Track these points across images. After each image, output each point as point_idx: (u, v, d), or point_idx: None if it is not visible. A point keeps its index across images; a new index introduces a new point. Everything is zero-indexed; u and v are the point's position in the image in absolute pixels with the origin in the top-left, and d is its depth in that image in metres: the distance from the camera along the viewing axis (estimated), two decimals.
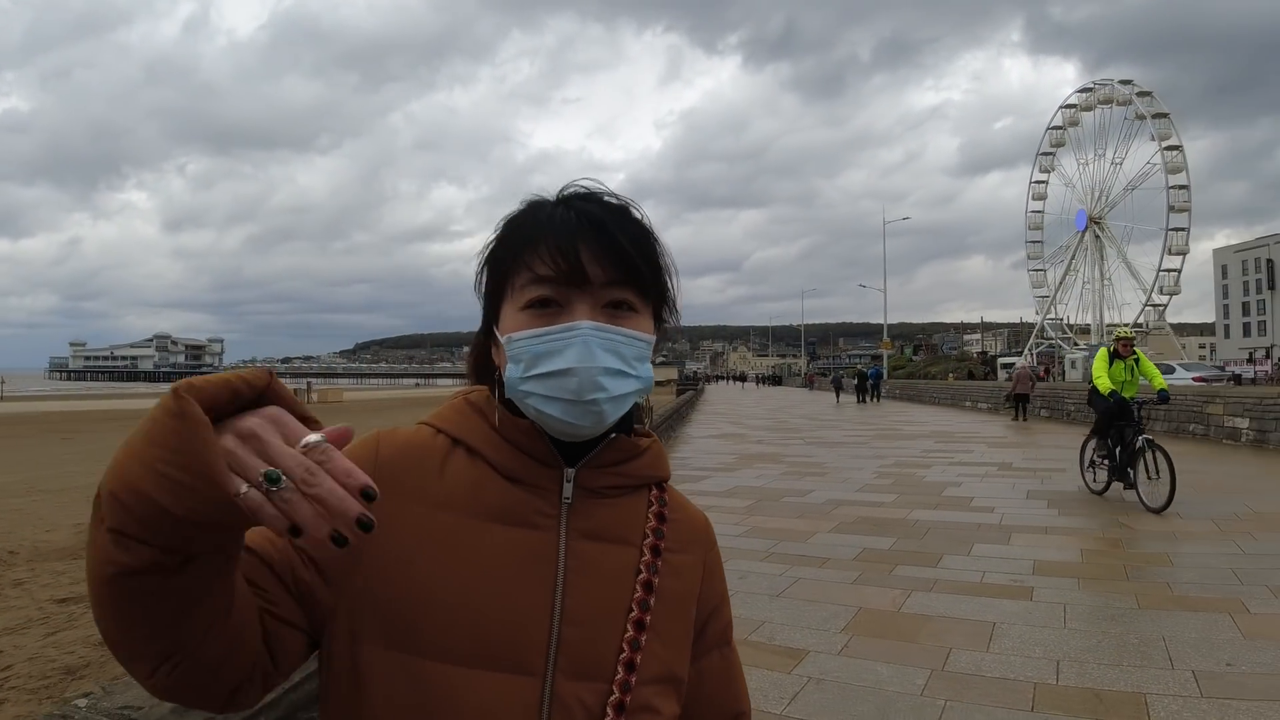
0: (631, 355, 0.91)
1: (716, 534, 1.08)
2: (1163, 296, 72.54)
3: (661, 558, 0.96)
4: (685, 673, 0.96)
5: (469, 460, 0.93)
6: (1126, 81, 74.90)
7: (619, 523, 0.96)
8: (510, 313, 0.93)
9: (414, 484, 0.91)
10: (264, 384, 0.65)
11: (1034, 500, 9.20)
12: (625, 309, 0.92)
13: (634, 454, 0.98)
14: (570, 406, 0.88)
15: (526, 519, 0.91)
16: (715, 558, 1.07)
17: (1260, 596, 5.16)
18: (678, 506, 1.03)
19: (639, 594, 0.92)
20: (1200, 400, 16.61)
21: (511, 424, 0.94)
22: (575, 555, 0.91)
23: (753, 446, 16.40)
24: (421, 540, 0.88)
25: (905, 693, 3.80)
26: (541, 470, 0.93)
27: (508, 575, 0.87)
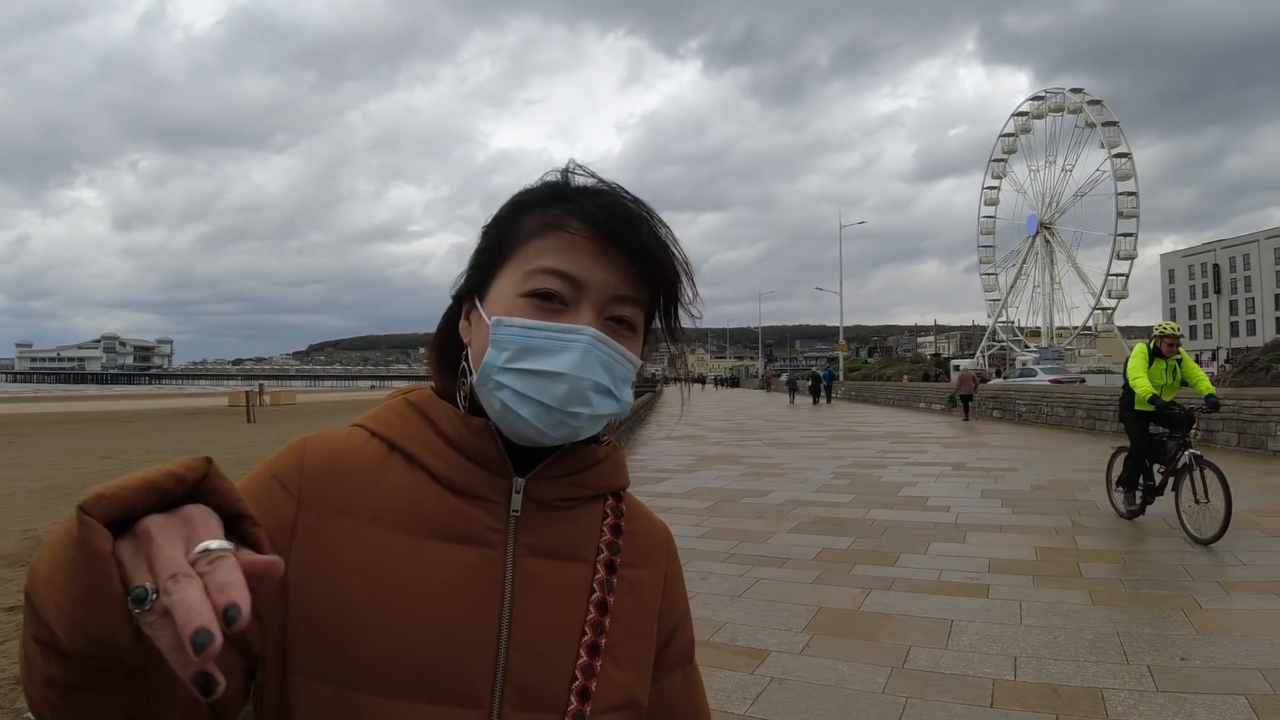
0: (621, 376, 0.84)
1: (677, 536, 1.00)
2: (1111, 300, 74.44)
3: (617, 574, 0.88)
4: (645, 697, 0.88)
5: (406, 468, 0.84)
6: (1077, 90, 76.73)
7: (571, 537, 0.87)
8: (506, 294, 0.84)
9: (344, 497, 0.81)
10: (198, 477, 0.56)
11: (988, 499, 9.32)
12: (625, 326, 0.85)
13: (590, 463, 0.90)
14: (547, 413, 0.80)
15: (470, 534, 0.82)
16: (676, 571, 0.99)
17: (1211, 592, 5.26)
18: (635, 516, 0.95)
19: (592, 615, 0.84)
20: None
21: (461, 424, 0.85)
22: (523, 574, 0.82)
23: (711, 448, 16.42)
24: (351, 560, 0.78)
25: (866, 691, 3.80)
26: (488, 480, 0.84)
27: (448, 597, 0.78)
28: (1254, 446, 13.53)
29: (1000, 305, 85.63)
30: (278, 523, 0.78)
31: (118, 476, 0.59)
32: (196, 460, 0.57)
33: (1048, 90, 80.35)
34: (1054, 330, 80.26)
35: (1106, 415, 18.56)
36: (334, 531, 0.79)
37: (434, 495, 0.82)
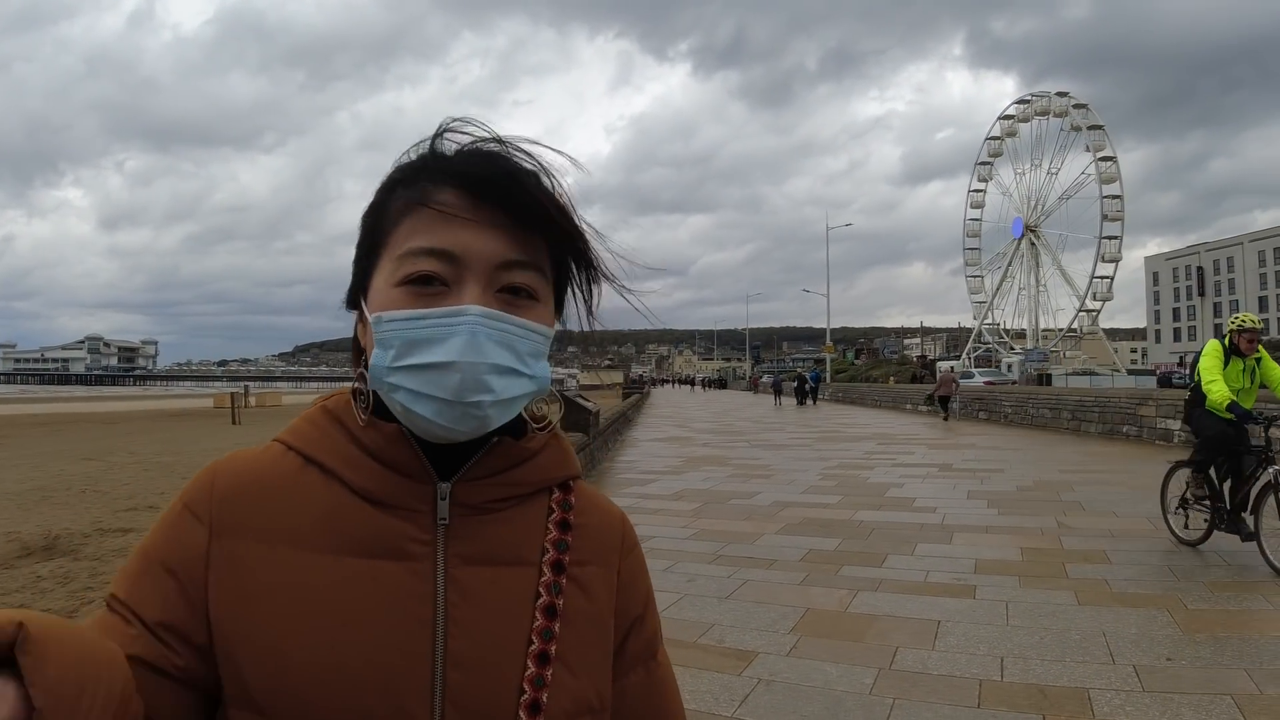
0: (526, 351, 0.77)
1: (664, 537, 0.98)
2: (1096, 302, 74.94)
3: (566, 574, 0.82)
4: (607, 699, 0.83)
5: (324, 482, 0.78)
6: (1063, 94, 77.26)
7: (511, 540, 0.81)
8: (383, 286, 0.77)
9: (257, 520, 0.76)
10: (5, 643, 0.53)
11: (974, 500, 9.34)
12: (525, 296, 0.78)
13: (523, 458, 0.83)
14: (446, 407, 0.74)
15: (394, 548, 0.76)
16: (634, 562, 0.91)
17: (1197, 592, 5.28)
18: (587, 508, 0.88)
19: (540, 622, 0.78)
20: (1133, 402, 17.07)
21: (374, 431, 0.79)
22: (457, 586, 0.76)
23: (699, 449, 16.42)
24: (269, 586, 0.73)
25: (854, 692, 3.79)
26: (410, 487, 0.78)
27: (374, 618, 0.73)
28: None
29: (986, 307, 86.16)
30: (191, 554, 0.75)
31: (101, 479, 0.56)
32: (8, 621, 0.53)
33: (1034, 94, 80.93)
34: (1039, 332, 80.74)
35: (1091, 417, 18.68)
36: (249, 558, 0.75)
37: (353, 509, 0.77)
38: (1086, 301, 75.09)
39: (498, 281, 0.76)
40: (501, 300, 0.76)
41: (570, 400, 12.93)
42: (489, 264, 0.76)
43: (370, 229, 0.81)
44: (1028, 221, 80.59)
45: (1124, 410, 17.33)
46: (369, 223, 0.82)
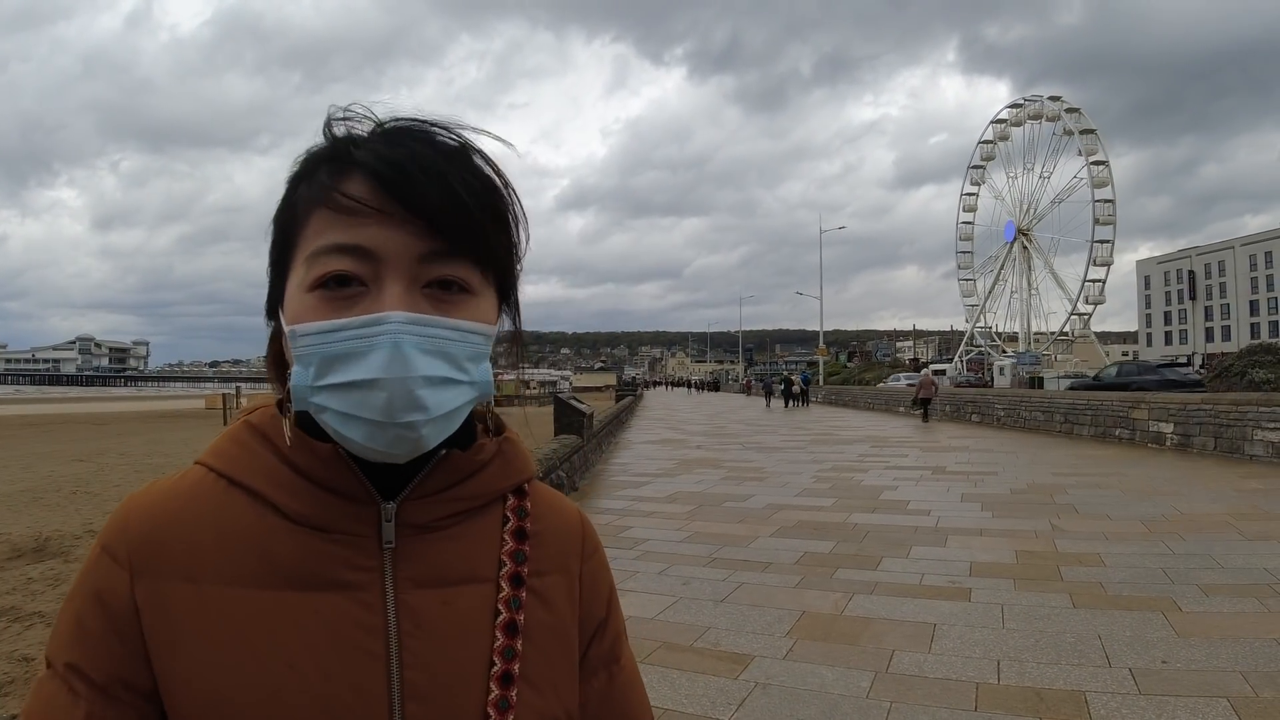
0: (464, 355, 0.69)
1: (658, 540, 0.93)
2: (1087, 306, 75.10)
3: (525, 587, 0.76)
4: (574, 710, 0.78)
5: (253, 509, 0.70)
6: (1055, 98, 77.48)
7: (463, 556, 0.75)
8: (295, 293, 0.69)
9: (179, 559, 0.69)
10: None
11: (968, 503, 9.34)
12: (457, 290, 0.69)
13: (472, 470, 0.77)
14: (378, 430, 0.66)
15: (335, 578, 0.69)
16: (596, 564, 0.86)
17: (1191, 595, 5.28)
18: (543, 513, 0.83)
19: (501, 640, 0.73)
20: (1126, 405, 17.11)
21: (307, 450, 0.71)
22: (409, 612, 0.70)
23: (692, 452, 16.41)
24: (201, 630, 0.67)
25: (850, 695, 3.78)
26: (350, 510, 0.71)
27: (321, 655, 0.67)
28: (1230, 450, 13.65)
29: (978, 311, 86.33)
30: (118, 603, 0.68)
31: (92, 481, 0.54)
32: None
33: (1026, 98, 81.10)
34: (1031, 335, 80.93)
35: (1084, 420, 18.73)
36: (176, 599, 0.68)
37: (288, 537, 0.70)
38: (1078, 305, 75.23)
39: (423, 276, 0.68)
40: (430, 297, 0.68)
41: (564, 403, 12.89)
42: (409, 258, 0.67)
43: (282, 228, 0.73)
44: (1020, 225, 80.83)
45: (1116, 413, 17.38)
46: (280, 221, 0.73)
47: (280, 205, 0.73)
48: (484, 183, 0.71)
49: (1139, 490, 10.02)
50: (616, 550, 6.88)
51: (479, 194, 0.70)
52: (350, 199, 0.67)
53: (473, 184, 0.69)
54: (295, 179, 0.73)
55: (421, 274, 0.68)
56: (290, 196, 0.72)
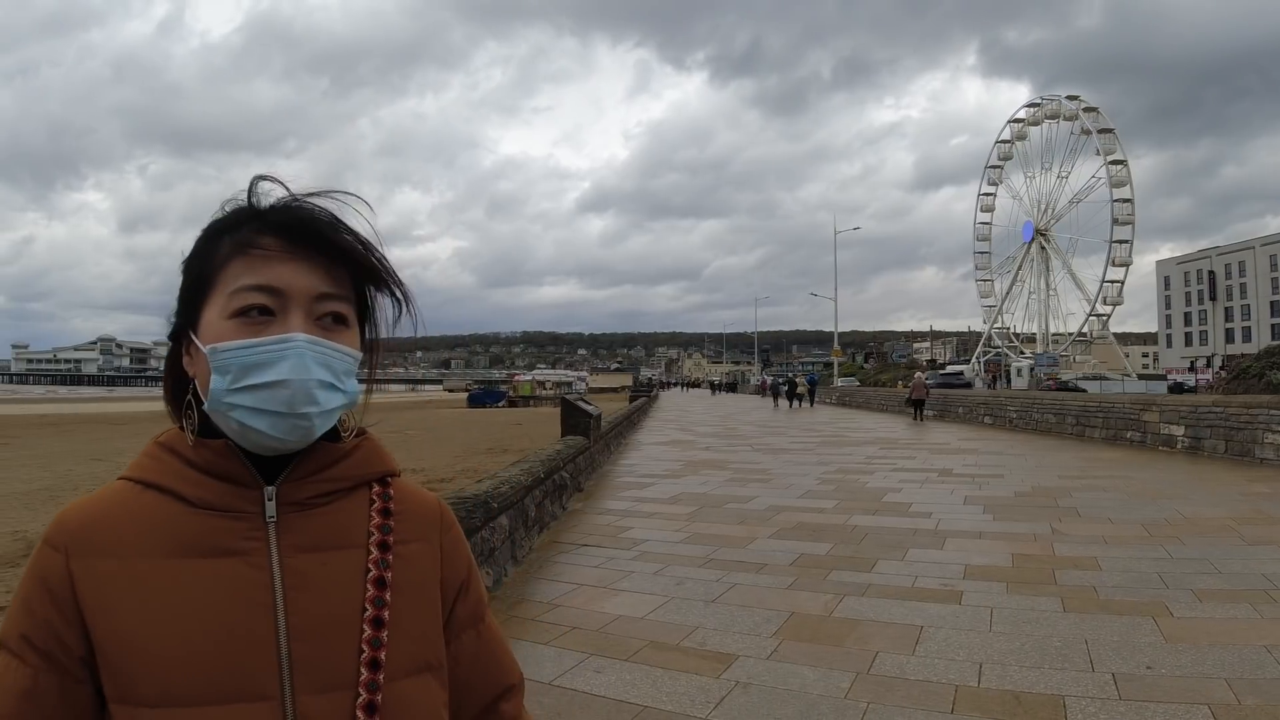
0: (341, 369, 0.91)
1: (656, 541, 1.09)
2: (1106, 307, 74.47)
3: (392, 551, 0.94)
4: (442, 657, 0.96)
5: (162, 501, 0.89)
6: (1073, 97, 76.90)
7: (337, 528, 0.93)
8: (214, 320, 0.90)
9: (107, 541, 0.87)
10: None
11: (970, 506, 9.32)
12: (340, 324, 0.92)
13: (337, 457, 0.96)
14: (279, 420, 0.87)
15: (228, 547, 0.87)
16: (453, 538, 1.04)
17: (1184, 600, 5.27)
18: (405, 497, 1.01)
19: (371, 592, 0.90)
20: (1137, 408, 17.01)
21: (204, 449, 0.91)
22: (292, 571, 0.88)
23: (700, 453, 16.43)
24: (120, 594, 0.84)
25: (829, 695, 3.81)
26: (239, 493, 0.90)
27: (216, 609, 0.84)
28: (1240, 454, 13.56)
29: (996, 311, 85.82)
30: (57, 578, 0.85)
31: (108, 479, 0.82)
32: None
33: (1044, 97, 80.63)
34: (1049, 336, 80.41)
35: (1095, 422, 18.62)
36: (104, 573, 0.85)
37: (191, 518, 0.88)
38: (1097, 306, 74.67)
39: (316, 311, 0.91)
40: (320, 327, 0.91)
41: (570, 404, 12.94)
42: (308, 296, 0.90)
43: (197, 272, 0.93)
44: (1038, 225, 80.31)
45: (1127, 416, 17.27)
46: (195, 267, 0.94)
47: (194, 254, 0.94)
48: (361, 242, 0.95)
49: (1144, 493, 9.97)
50: (614, 550, 6.93)
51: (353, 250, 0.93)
52: (266, 249, 0.89)
53: (348, 243, 0.93)
54: (214, 233, 0.94)
55: (315, 309, 0.91)
56: (208, 246, 0.93)
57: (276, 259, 0.89)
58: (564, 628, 4.89)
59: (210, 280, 0.91)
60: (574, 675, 4.14)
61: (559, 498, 8.80)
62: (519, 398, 65.07)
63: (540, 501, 7.57)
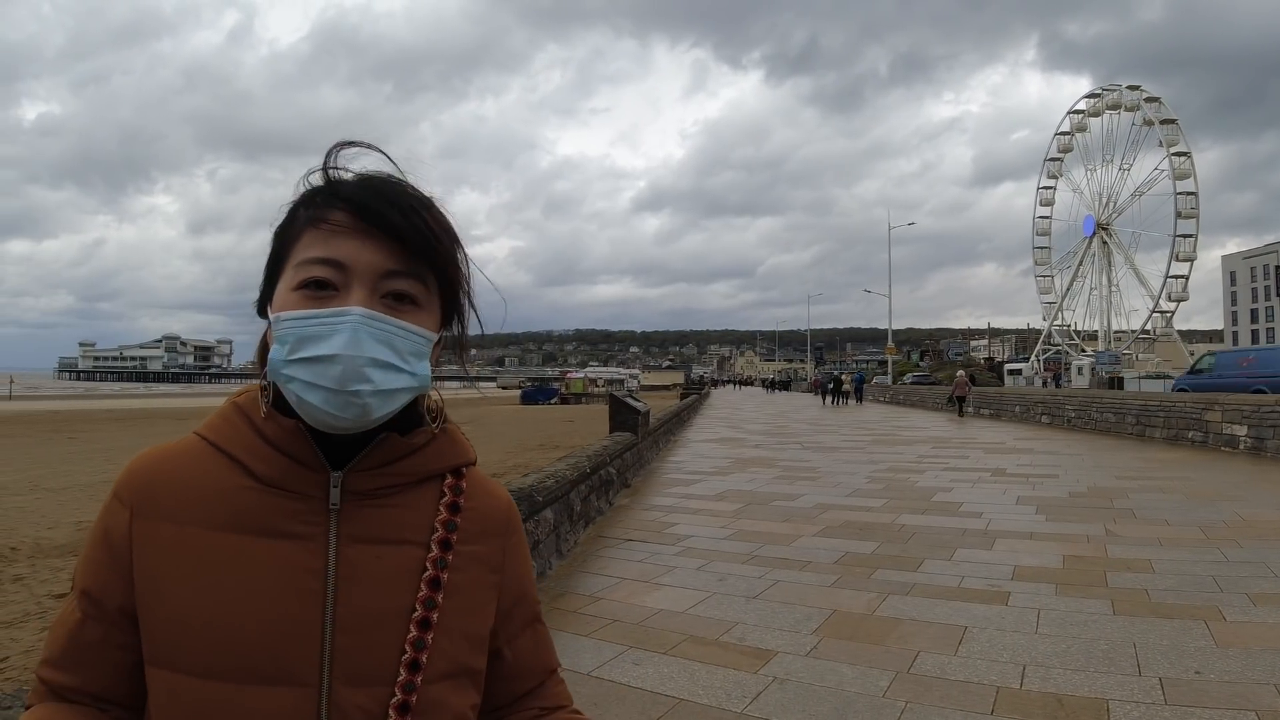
0: (407, 349, 0.88)
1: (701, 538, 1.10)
2: (1170, 303, 72.17)
3: (453, 551, 0.94)
4: (482, 663, 0.96)
5: (230, 469, 0.90)
6: (1135, 87, 74.73)
7: (398, 523, 0.92)
8: (284, 291, 0.90)
9: (169, 504, 0.88)
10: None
11: (1023, 506, 9.17)
12: (407, 302, 0.90)
13: (408, 451, 0.95)
14: (332, 395, 0.84)
15: (288, 529, 0.88)
16: (517, 542, 1.04)
17: (1238, 604, 5.14)
18: (476, 493, 1.01)
19: (424, 593, 0.90)
20: (1199, 407, 16.53)
21: (275, 425, 0.90)
22: (347, 562, 0.88)
23: (749, 451, 16.39)
24: (174, 560, 0.86)
25: (866, 694, 3.80)
26: (305, 475, 0.90)
27: (268, 591, 0.85)
28: None
29: (1056, 308, 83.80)
30: (119, 535, 0.89)
31: None
32: None
33: (1104, 87, 78.35)
34: (1111, 334, 78.36)
35: (1156, 421, 18.14)
36: (162, 537, 0.87)
37: (255, 494, 0.88)
38: (1160, 302, 72.43)
39: (382, 289, 0.88)
40: (385, 305, 0.88)
41: (618, 401, 13.01)
42: (374, 273, 0.88)
43: (278, 245, 0.94)
44: (1099, 219, 78.28)
45: (1189, 415, 16.79)
46: (276, 240, 0.95)
47: (279, 227, 0.94)
48: (440, 224, 0.93)
49: (1202, 495, 9.71)
50: (658, 546, 6.97)
51: (433, 230, 0.92)
52: (334, 224, 0.88)
53: (429, 222, 0.92)
54: (294, 207, 0.94)
55: (381, 286, 0.88)
56: (288, 220, 0.94)
57: (344, 233, 0.88)
58: (604, 620, 4.94)
59: (286, 252, 0.92)
60: (612, 667, 4.19)
61: (605, 493, 8.87)
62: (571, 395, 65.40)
63: (586, 496, 7.64)
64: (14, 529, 8.37)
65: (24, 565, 6.77)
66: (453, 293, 0.97)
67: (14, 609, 5.47)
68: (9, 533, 8.16)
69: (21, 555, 7.14)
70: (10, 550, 7.30)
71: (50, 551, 7.28)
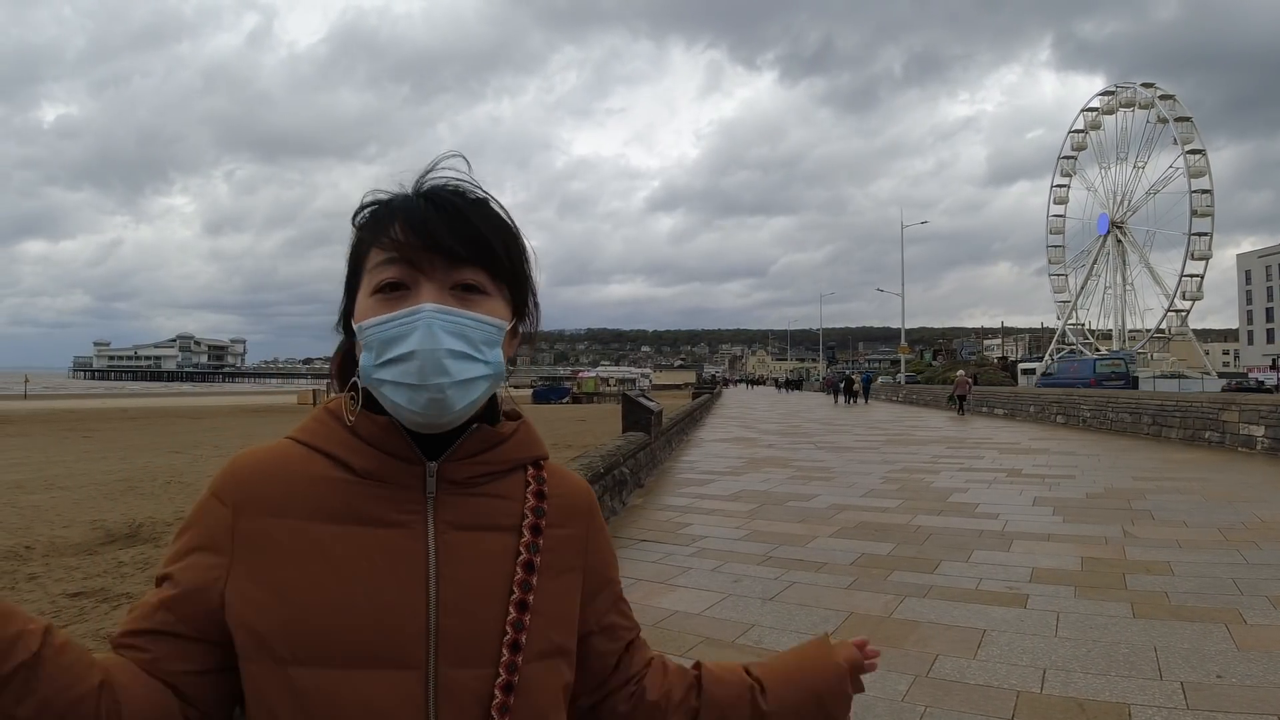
0: (480, 339, 0.92)
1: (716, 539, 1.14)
2: (1185, 302, 71.52)
3: (542, 535, 0.98)
4: (573, 643, 1.01)
5: (329, 467, 0.94)
6: (1149, 84, 74.12)
7: (491, 509, 0.97)
8: (363, 300, 0.94)
9: (274, 500, 0.92)
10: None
11: (1039, 507, 9.12)
12: (476, 292, 0.94)
13: (497, 441, 1.00)
14: (415, 392, 0.89)
15: (389, 518, 0.91)
16: (598, 525, 1.09)
17: (1259, 607, 5.09)
18: (558, 481, 1.06)
19: (519, 575, 0.94)
20: (1216, 407, 16.41)
21: (369, 423, 0.94)
22: (447, 547, 0.92)
23: (762, 450, 16.36)
24: (287, 553, 0.89)
25: (885, 697, 3.78)
26: (402, 467, 0.94)
27: (375, 576, 0.88)
28: None
29: (1070, 307, 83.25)
30: (220, 532, 0.91)
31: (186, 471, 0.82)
32: None
33: (1118, 85, 77.76)
34: (1126, 333, 77.80)
35: (1172, 422, 18.01)
36: (270, 531, 0.90)
37: (357, 487, 0.92)
38: (1175, 301, 71.78)
39: (451, 280, 0.92)
40: (455, 297, 0.92)
41: (632, 400, 13.01)
42: (441, 268, 0.92)
43: (352, 263, 1.00)
44: (1114, 217, 77.71)
45: (1206, 415, 16.67)
46: (351, 258, 1.00)
47: (352, 246, 1.00)
48: (496, 222, 0.98)
49: (1220, 496, 9.63)
50: (672, 546, 6.97)
51: (493, 229, 0.96)
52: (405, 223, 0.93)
53: (487, 217, 0.97)
54: (364, 225, 0.99)
55: (450, 279, 0.92)
56: (359, 237, 0.99)
57: (412, 237, 0.92)
58: None
59: (360, 267, 0.97)
60: None
61: (619, 493, 8.86)
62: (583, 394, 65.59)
63: (599, 496, 7.63)
64: (29, 527, 8.44)
65: (39, 564, 6.82)
66: (517, 283, 1.01)
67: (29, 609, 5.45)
68: (24, 531, 8.22)
69: (36, 554, 7.19)
70: (25, 549, 7.35)
71: (65, 551, 7.33)
